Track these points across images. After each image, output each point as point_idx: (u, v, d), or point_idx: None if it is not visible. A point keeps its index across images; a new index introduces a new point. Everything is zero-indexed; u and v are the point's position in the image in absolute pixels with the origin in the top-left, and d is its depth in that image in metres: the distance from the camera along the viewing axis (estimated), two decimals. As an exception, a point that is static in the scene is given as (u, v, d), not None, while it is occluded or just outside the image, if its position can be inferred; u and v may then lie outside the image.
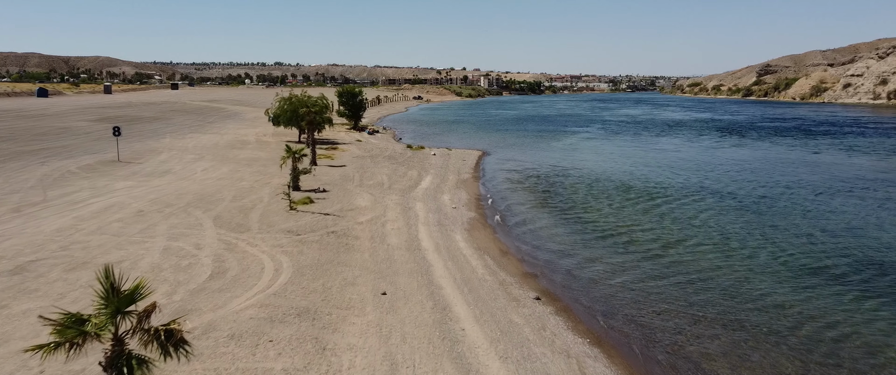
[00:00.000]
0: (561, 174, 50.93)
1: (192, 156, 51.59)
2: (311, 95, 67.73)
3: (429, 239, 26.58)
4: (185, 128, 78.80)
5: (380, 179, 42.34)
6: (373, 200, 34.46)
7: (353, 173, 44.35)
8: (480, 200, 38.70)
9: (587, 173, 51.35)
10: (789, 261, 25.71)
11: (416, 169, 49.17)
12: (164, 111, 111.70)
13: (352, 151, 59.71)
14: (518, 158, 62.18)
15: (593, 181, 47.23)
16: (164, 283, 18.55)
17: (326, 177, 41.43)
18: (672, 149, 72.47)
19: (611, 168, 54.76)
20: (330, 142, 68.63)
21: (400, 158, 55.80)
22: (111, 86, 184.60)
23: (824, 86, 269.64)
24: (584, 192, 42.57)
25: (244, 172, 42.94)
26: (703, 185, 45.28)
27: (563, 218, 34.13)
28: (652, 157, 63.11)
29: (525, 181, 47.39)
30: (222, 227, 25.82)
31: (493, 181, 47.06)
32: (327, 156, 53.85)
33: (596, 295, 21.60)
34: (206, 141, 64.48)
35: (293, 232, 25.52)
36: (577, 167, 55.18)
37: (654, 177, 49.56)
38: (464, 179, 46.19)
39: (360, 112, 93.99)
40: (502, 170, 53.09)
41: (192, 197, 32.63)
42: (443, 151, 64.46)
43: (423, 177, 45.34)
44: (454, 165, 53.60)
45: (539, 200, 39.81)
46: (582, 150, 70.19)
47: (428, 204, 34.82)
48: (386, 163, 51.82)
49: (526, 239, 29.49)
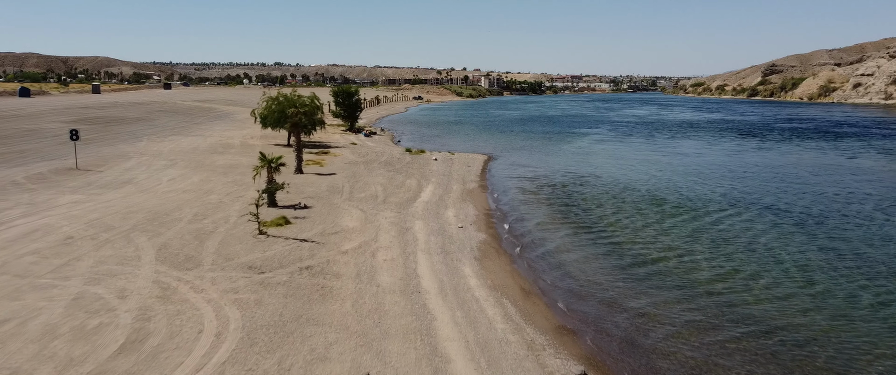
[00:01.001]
0: (578, 182, 45.17)
1: (164, 162, 45.83)
2: (301, 95, 62.05)
3: (430, 274, 20.85)
4: (168, 130, 73.07)
5: (373, 190, 36.57)
6: (363, 219, 28.71)
7: (343, 183, 38.57)
8: (491, 216, 32.96)
9: (608, 181, 45.58)
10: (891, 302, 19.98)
11: (415, 177, 43.43)
12: (151, 111, 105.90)
13: (345, 156, 53.94)
14: (527, 163, 56.42)
15: (617, 191, 41.47)
16: (46, 363, 12.81)
17: (311, 189, 35.65)
18: (693, 152, 66.69)
19: (632, 175, 49.00)
20: (321, 145, 62.88)
21: (397, 164, 50.04)
22: (100, 85, 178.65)
23: (833, 86, 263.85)
24: (610, 206, 36.81)
25: (217, 182, 37.18)
26: (742, 196, 39.52)
27: (593, 241, 28.39)
28: (675, 163, 57.32)
29: (539, 191, 41.63)
30: (166, 262, 20.05)
31: (503, 191, 41.31)
32: (316, 162, 48.07)
33: (662, 365, 15.87)
34: (185, 144, 58.75)
35: (256, 269, 19.76)
36: (595, 174, 49.41)
37: (683, 186, 43.80)
38: (470, 189, 40.45)
39: (357, 113, 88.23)
40: (512, 178, 47.34)
41: (143, 216, 26.88)
42: (445, 156, 58.71)
43: (424, 186, 39.60)
44: (458, 172, 47.86)
45: (559, 216, 34.05)
46: (596, 154, 64.42)
47: (429, 222, 29.09)
48: (382, 170, 46.06)
49: (552, 270, 23.75)
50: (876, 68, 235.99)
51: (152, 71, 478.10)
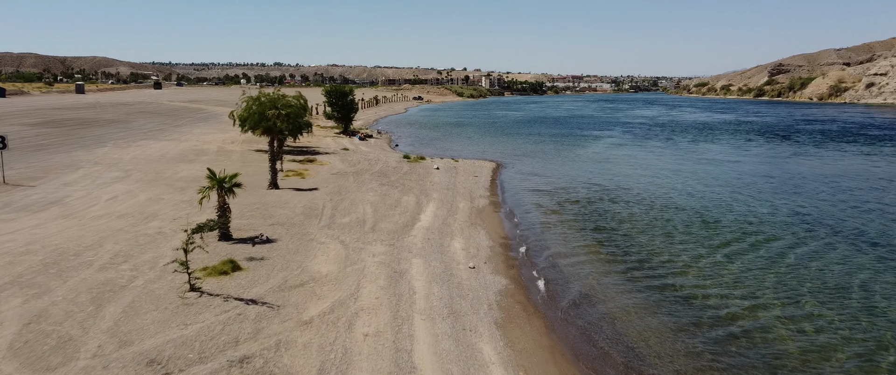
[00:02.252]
0: (607, 197, 38.08)
1: (117, 173, 38.75)
2: (285, 95, 54.94)
3: (434, 363, 13.78)
4: (141, 133, 65.97)
5: (361, 213, 29.46)
6: (343, 257, 21.61)
7: (325, 202, 31.44)
8: (509, 247, 25.87)
9: (641, 196, 38.47)
10: None
11: (413, 192, 36.33)
12: (130, 113, 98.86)
13: (333, 165, 46.81)
14: (542, 172, 49.31)
15: (657, 210, 34.35)
16: None
17: (283, 212, 28.52)
18: (726, 159, 59.58)
19: (668, 188, 41.89)
20: (308, 152, 55.76)
21: (393, 175, 42.92)
22: (84, 85, 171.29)
23: (844, 86, 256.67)
24: (654, 231, 29.69)
25: (167, 202, 30.05)
26: (810, 218, 32.42)
27: (648, 285, 21.29)
28: (712, 173, 50.19)
29: (562, 209, 34.51)
30: (18, 357, 12.88)
31: (519, 210, 34.18)
32: (297, 174, 40.96)
33: None
34: (153, 150, 51.67)
35: (158, 366, 12.66)
36: (623, 186, 42.29)
37: (734, 202, 36.69)
38: (479, 208, 33.37)
39: (351, 114, 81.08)
40: (527, 191, 40.25)
41: (42, 257, 19.77)
42: (447, 163, 51.60)
43: (424, 205, 32.50)
44: (464, 184, 40.78)
45: (596, 245, 26.94)
46: (617, 162, 57.29)
47: (431, 261, 22.00)
48: (374, 183, 38.92)
49: (606, 343, 16.66)
50: (889, 68, 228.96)
51: (151, 71, 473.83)
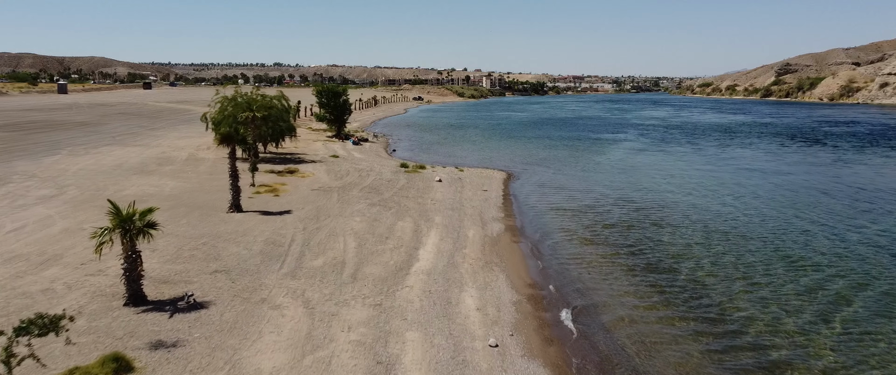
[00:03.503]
0: (646, 219, 31.11)
1: (46, 191, 31.78)
2: (265, 94, 48.07)
3: None
4: (109, 138, 59.04)
5: (340, 249, 22.50)
6: (301, 338, 14.63)
7: (296, 233, 24.45)
8: (541, 304, 18.90)
9: (689, 218, 31.49)
10: None
11: (411, 214, 29.39)
12: (108, 114, 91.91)
13: (317, 177, 39.83)
14: (561, 184, 42.35)
15: (718, 240, 27.36)
16: None
17: (235, 250, 21.52)
18: (768, 168, 52.55)
19: (717, 206, 34.91)
20: (292, 159, 48.80)
21: (387, 190, 35.95)
22: (66, 85, 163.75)
23: (855, 86, 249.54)
24: (725, 273, 22.69)
25: (84, 236, 22.94)
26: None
27: (757, 366, 14.38)
28: (761, 186, 43.20)
29: (597, 238, 27.53)
30: None
31: (543, 239, 27.19)
32: (271, 190, 33.96)
33: None
34: (112, 158, 44.75)
35: None
36: (663, 203, 35.32)
37: (805, 228, 29.70)
38: (494, 236, 26.45)
39: (345, 116, 73.96)
40: (548, 211, 33.27)
41: None
42: (451, 173, 44.71)
43: (424, 234, 25.57)
44: (472, 201, 33.85)
45: (656, 297, 19.94)
46: (644, 171, 50.30)
47: (433, 336, 15.05)
48: (363, 202, 31.94)
49: None
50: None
51: (149, 71, 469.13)
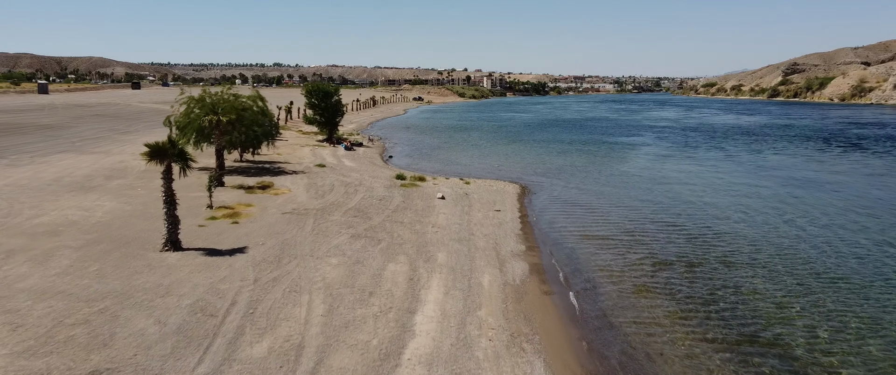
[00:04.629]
0: (706, 252, 24.14)
1: (-58, 217, 24.81)
2: (237, 94, 41.04)
3: None
4: (66, 144, 52.07)
5: (300, 318, 15.47)
6: None
7: (241, 288, 17.42)
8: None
9: (760, 250, 24.49)
10: None
11: (406, 250, 22.42)
12: (82, 116, 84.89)
13: (293, 194, 32.81)
14: (588, 202, 35.35)
15: (810, 282, 20.39)
16: None
17: (140, 324, 14.45)
18: (818, 178, 45.55)
19: (785, 231, 27.91)
20: (270, 169, 41.80)
21: (377, 212, 28.96)
22: (47, 85, 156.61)
23: (867, 86, 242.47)
24: (855, 339, 15.77)
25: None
26: None
27: None
28: (822, 202, 36.20)
29: (653, 284, 20.52)
30: None
31: (584, 289, 20.19)
32: (231, 214, 26.95)
33: None
34: (53, 171, 37.76)
35: None
36: (719, 230, 28.30)
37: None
38: (517, 284, 19.52)
39: (337, 118, 66.92)
40: (580, 240, 26.27)
41: None
42: (455, 186, 37.78)
43: (422, 285, 18.59)
44: (482, 227, 26.90)
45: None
46: (679, 183, 43.34)
47: None
48: (345, 232, 24.89)
49: None
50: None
51: (148, 71, 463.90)
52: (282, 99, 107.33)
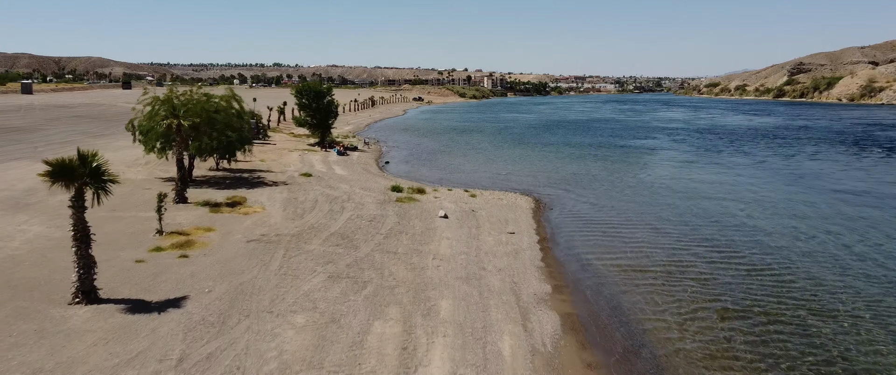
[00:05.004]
0: (785, 293, 18.91)
1: None
2: (208, 94, 35.56)
3: None
4: (27, 150, 46.72)
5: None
6: None
7: (161, 373, 12.21)
8: None
9: (868, 294, 19.29)
10: None
11: (398, 297, 17.13)
12: (58, 118, 79.57)
13: (267, 213, 27.50)
14: (615, 221, 30.02)
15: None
16: None
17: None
18: (864, 188, 40.26)
19: (862, 256, 22.66)
20: (247, 180, 36.46)
21: (366, 239, 23.64)
22: (31, 84, 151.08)
23: (877, 86, 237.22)
24: None
25: None
26: None
27: None
28: (882, 219, 30.99)
29: (736, 353, 15.27)
30: None
31: (639, 358, 14.98)
32: (184, 243, 21.62)
33: None
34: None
35: None
36: (785, 260, 23.05)
37: None
38: (548, 352, 14.29)
39: (329, 120, 61.65)
40: (617, 274, 20.99)
41: None
42: (460, 199, 32.52)
43: (419, 359, 13.30)
44: (495, 258, 21.62)
45: None
46: (714, 195, 38.04)
47: None
48: (321, 270, 19.56)
49: None
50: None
51: (147, 71, 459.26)
52: (276, 99, 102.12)
